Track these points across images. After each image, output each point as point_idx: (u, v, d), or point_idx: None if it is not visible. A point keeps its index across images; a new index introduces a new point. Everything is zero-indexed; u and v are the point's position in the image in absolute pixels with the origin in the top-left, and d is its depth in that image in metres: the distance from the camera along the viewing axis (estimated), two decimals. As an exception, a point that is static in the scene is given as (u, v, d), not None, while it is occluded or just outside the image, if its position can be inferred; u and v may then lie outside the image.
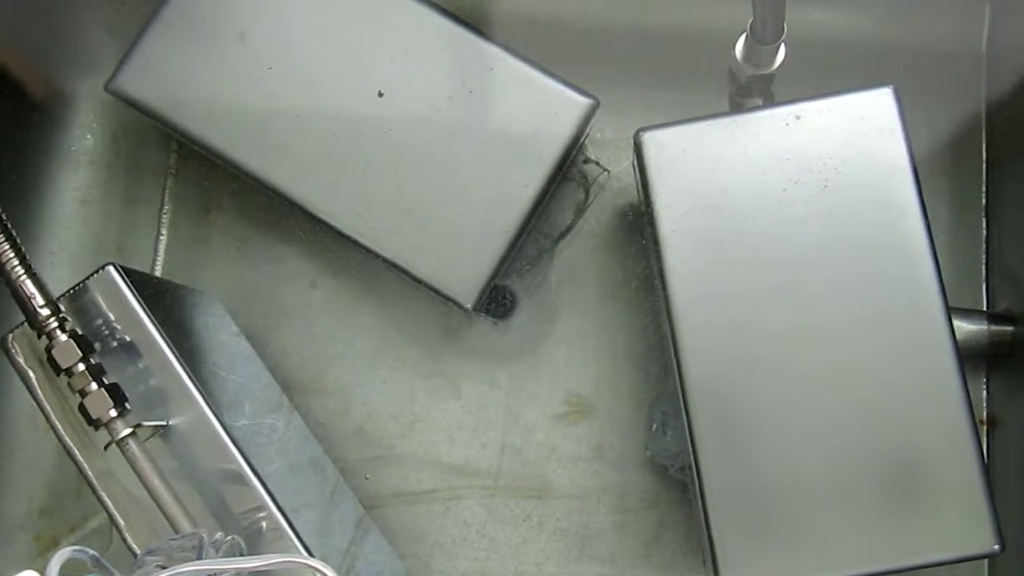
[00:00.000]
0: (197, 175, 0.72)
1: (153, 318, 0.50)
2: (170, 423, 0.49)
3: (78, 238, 0.70)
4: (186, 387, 0.50)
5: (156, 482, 0.45)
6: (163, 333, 0.50)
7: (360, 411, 0.69)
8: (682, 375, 0.53)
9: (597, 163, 0.69)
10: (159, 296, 0.58)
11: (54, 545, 0.67)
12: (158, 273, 0.71)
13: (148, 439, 0.48)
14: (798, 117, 0.55)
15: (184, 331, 0.58)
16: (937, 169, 0.70)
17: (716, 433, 0.53)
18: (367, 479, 0.69)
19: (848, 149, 0.54)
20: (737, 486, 0.52)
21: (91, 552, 0.37)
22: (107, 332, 0.50)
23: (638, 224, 0.70)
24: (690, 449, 0.53)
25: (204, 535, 0.42)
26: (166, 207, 0.72)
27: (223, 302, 0.67)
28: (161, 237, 0.72)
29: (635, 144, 0.56)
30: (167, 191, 0.73)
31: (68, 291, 0.50)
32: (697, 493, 0.53)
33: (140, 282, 0.53)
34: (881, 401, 0.52)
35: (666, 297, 0.54)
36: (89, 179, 0.71)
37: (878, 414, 0.52)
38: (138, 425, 0.46)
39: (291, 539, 0.48)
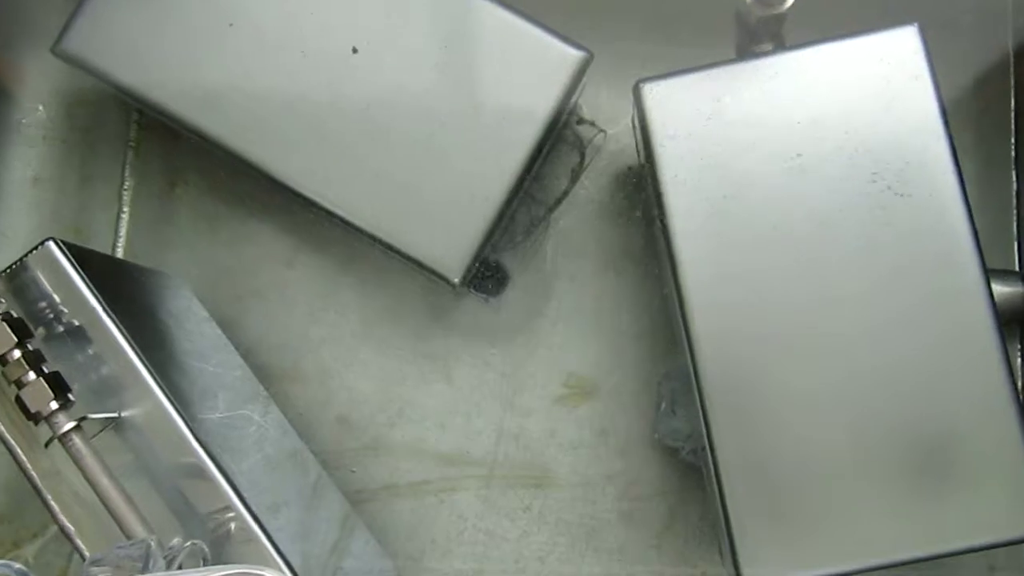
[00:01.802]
0: (160, 147, 0.69)
1: (101, 299, 0.46)
2: (122, 415, 0.45)
3: (31, 219, 0.67)
4: (140, 375, 0.45)
5: (104, 482, 0.40)
6: (112, 315, 0.45)
7: (343, 399, 0.66)
8: (693, 349, 0.50)
9: (592, 123, 0.65)
10: (120, 278, 0.56)
11: (16, 550, 0.63)
12: (119, 255, 0.68)
13: (97, 434, 0.43)
14: (813, 62, 0.52)
15: (149, 316, 0.55)
16: (961, 121, 0.65)
17: (732, 411, 0.50)
18: (352, 472, 0.66)
19: (870, 96, 0.51)
20: (756, 469, 0.49)
21: (17, 566, 0.33)
22: (51, 316, 0.46)
23: (639, 187, 0.67)
24: (703, 430, 0.50)
25: (152, 543, 0.37)
26: (127, 183, 0.69)
27: (191, 285, 0.64)
28: (122, 216, 0.68)
29: (635, 97, 0.53)
30: (128, 166, 0.69)
31: (4, 270, 0.45)
32: (712, 478, 0.50)
33: (95, 262, 0.49)
34: (912, 372, 0.49)
35: (673, 265, 0.51)
36: (42, 155, 0.67)
37: (909, 386, 0.49)
38: (83, 418, 0.42)
39: (262, 542, 0.44)
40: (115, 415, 0.44)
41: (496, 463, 0.66)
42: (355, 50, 0.58)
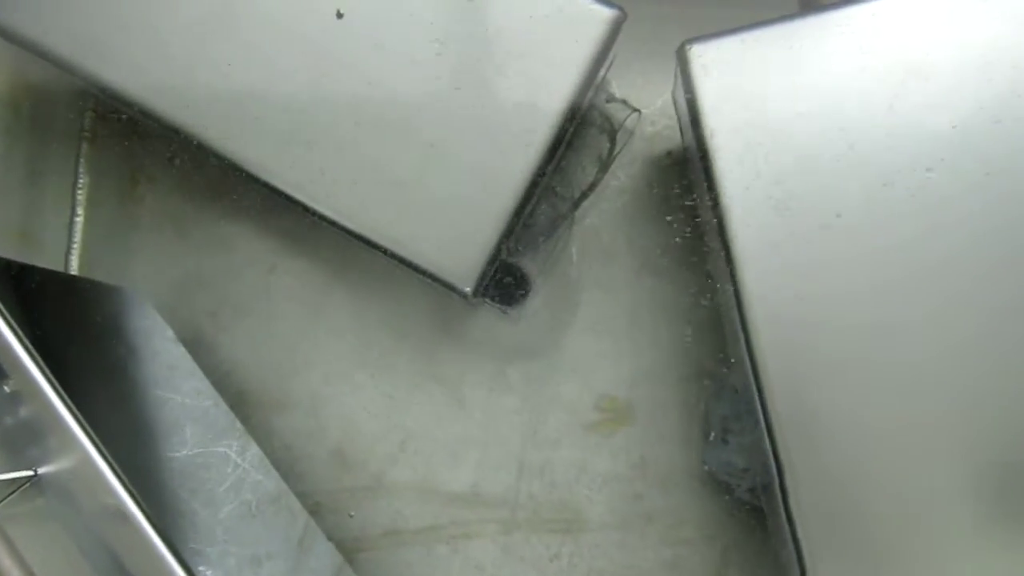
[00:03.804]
0: (120, 138, 0.66)
1: (15, 326, 0.40)
2: (40, 472, 0.38)
3: (-32, 222, 0.61)
4: (63, 420, 0.38)
5: (8, 564, 0.31)
6: (30, 347, 0.39)
7: (337, 429, 0.63)
8: (756, 366, 0.46)
9: (624, 101, 0.61)
10: (67, 297, 0.53)
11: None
12: (74, 263, 0.64)
13: (6, 499, 0.37)
14: (896, 13, 0.47)
15: (104, 341, 0.53)
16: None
17: (806, 441, 0.46)
18: (350, 516, 0.62)
19: (974, 54, 0.45)
20: (838, 511, 0.45)
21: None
22: (-42, 349, 0.40)
23: (681, 175, 0.63)
24: (771, 463, 0.46)
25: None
26: (82, 180, 0.66)
27: (156, 299, 0.61)
28: (76, 218, 0.65)
29: (679, 63, 0.49)
30: (82, 160, 0.66)
31: None
32: (782, 520, 0.46)
33: (37, 279, 0.47)
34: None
35: (730, 265, 0.47)
36: (-19, 147, 0.62)
37: (1017, 411, 0.44)
38: (-19, 480, 0.35)
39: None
40: (30, 473, 0.38)
41: (517, 504, 0.62)
42: (339, 14, 0.54)
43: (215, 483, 0.52)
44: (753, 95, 0.47)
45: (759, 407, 0.47)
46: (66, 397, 0.38)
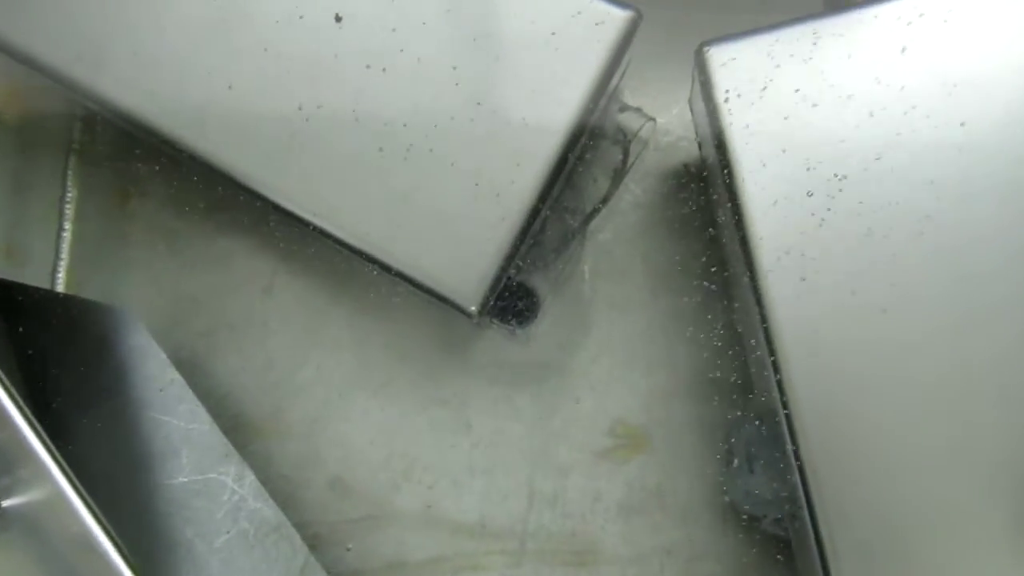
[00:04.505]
0: (110, 151, 0.65)
1: None
2: (5, 505, 0.36)
3: (-49, 238, 0.60)
4: (33, 450, 0.36)
5: None
6: None
7: (337, 456, 0.61)
8: (784, 389, 0.45)
9: (638, 110, 0.59)
10: (55, 316, 0.52)
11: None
12: (60, 281, 0.63)
13: None
14: (937, 11, 0.45)
15: (93, 362, 0.52)
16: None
17: (837, 465, 0.44)
18: (348, 550, 0.60)
19: (998, 56, 0.44)
20: (868, 537, 0.44)
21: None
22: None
23: (700, 188, 0.61)
24: (800, 493, 0.45)
25: None
26: (70, 194, 0.65)
27: (147, 319, 0.58)
28: (64, 233, 0.64)
29: (697, 66, 0.47)
30: (70, 173, 0.65)
31: None
32: (811, 550, 0.45)
33: (22, 296, 0.46)
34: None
35: (755, 285, 0.46)
36: (-36, 160, 0.61)
37: None
38: (-66, 513, 0.32)
39: None
40: (-7, 507, 0.36)
41: (527, 534, 0.60)
42: (338, 18, 0.52)
43: (211, 511, 0.51)
44: (776, 100, 0.45)
45: (786, 432, 0.45)
46: (38, 426, 0.36)
